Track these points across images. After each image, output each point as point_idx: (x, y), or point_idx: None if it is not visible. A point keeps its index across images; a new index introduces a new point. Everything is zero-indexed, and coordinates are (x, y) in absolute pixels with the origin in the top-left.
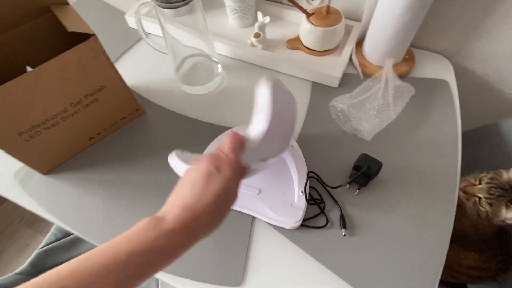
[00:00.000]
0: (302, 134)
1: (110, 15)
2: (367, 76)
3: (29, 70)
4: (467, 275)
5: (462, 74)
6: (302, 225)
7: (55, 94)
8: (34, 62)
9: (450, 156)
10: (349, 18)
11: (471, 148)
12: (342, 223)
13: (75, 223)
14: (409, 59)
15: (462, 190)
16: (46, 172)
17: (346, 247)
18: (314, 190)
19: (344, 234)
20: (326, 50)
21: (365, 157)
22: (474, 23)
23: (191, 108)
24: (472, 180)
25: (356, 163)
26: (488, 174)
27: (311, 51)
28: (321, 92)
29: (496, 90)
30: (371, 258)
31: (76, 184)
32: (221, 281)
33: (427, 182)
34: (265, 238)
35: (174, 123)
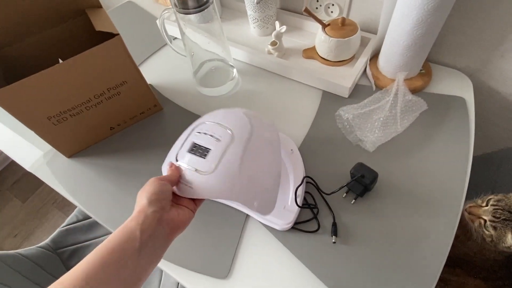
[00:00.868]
0: (306, 140)
1: (145, 20)
2: (380, 88)
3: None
4: None
5: (484, 93)
6: (294, 228)
7: (81, 85)
8: (66, 57)
9: (457, 176)
10: (367, 31)
11: (492, 170)
12: (334, 230)
13: (89, 205)
14: (425, 74)
15: (467, 210)
16: (70, 155)
17: (335, 255)
18: (310, 195)
19: (334, 241)
20: (341, 61)
21: (360, 166)
22: (496, 42)
23: (205, 108)
24: (479, 201)
25: (351, 171)
26: (496, 196)
27: (326, 61)
28: (330, 101)
29: None
30: (359, 270)
31: (94, 169)
32: (209, 271)
33: (429, 201)
34: (256, 237)
35: (188, 121)
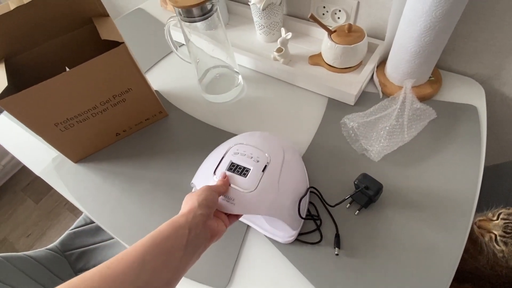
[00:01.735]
0: (310, 149)
1: (154, 27)
2: (387, 96)
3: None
4: None
5: (498, 101)
6: (296, 239)
7: (87, 92)
8: (73, 65)
9: (467, 188)
10: (374, 37)
11: (505, 182)
12: (336, 242)
13: (94, 210)
14: (434, 81)
15: (476, 224)
16: (77, 160)
17: (337, 268)
18: (313, 206)
19: (336, 253)
20: (347, 68)
21: (364, 177)
22: (509, 47)
23: (210, 115)
24: (489, 214)
25: (355, 182)
26: (508, 209)
27: (332, 68)
28: (336, 108)
29: None
30: (362, 284)
31: (100, 174)
32: (208, 281)
33: (437, 213)
34: (256, 247)
35: (192, 128)
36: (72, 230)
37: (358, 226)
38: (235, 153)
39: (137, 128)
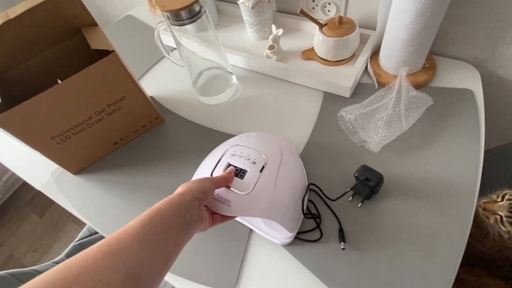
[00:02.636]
0: (309, 144)
1: (144, 33)
2: (382, 85)
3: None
4: None
5: (494, 83)
6: (297, 237)
7: (81, 103)
8: (65, 77)
9: (468, 172)
10: (366, 27)
11: (507, 164)
12: (341, 236)
13: (97, 221)
14: (429, 68)
15: (481, 206)
16: (76, 172)
17: (344, 261)
18: (312, 204)
19: (342, 247)
20: (340, 60)
21: (365, 168)
22: (502, 29)
23: (206, 117)
24: (493, 196)
25: (355, 174)
26: None
27: (325, 61)
28: (332, 101)
29: None
30: (370, 275)
31: (101, 184)
32: (216, 283)
33: (440, 199)
34: (261, 247)
35: (189, 131)
36: (77, 242)
37: (362, 219)
38: (232, 154)
39: (134, 135)
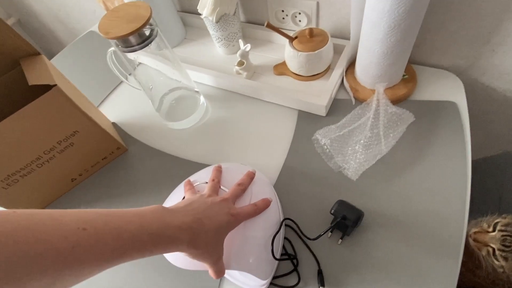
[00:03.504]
0: (284, 171)
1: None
2: (360, 101)
3: None
4: None
5: (479, 91)
6: (272, 284)
7: (26, 143)
8: (7, 114)
9: (455, 193)
10: (340, 37)
11: (498, 173)
12: (320, 280)
13: None
14: (408, 80)
15: (471, 237)
16: None
17: None
18: (288, 242)
19: None
20: (315, 75)
21: (341, 204)
22: (484, 35)
23: (174, 144)
24: (485, 225)
25: (331, 211)
26: (504, 219)
27: (298, 76)
28: (307, 121)
29: None
30: None
31: None
32: None
33: (427, 228)
34: None
35: (155, 160)
36: None
37: (342, 257)
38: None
39: (94, 169)
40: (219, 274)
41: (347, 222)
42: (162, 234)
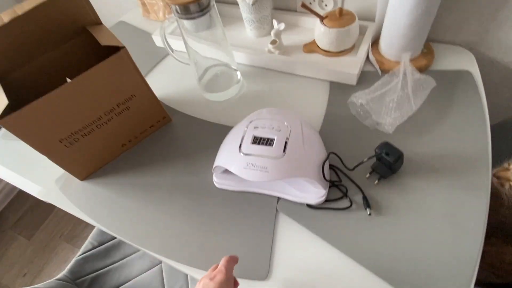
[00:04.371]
0: (322, 132)
1: (140, 37)
2: (385, 72)
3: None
4: None
5: (486, 65)
6: (325, 208)
7: (91, 103)
8: (73, 76)
9: (479, 144)
10: (363, 19)
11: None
12: (366, 203)
13: (111, 225)
14: (427, 53)
15: (495, 175)
16: (84, 178)
17: (371, 231)
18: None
19: (369, 213)
20: (342, 51)
21: (386, 145)
22: (491, 12)
23: (213, 114)
24: (506, 165)
25: (376, 150)
26: None
27: (327, 53)
28: (339, 90)
29: None
30: (397, 245)
31: (111, 188)
32: (247, 274)
33: (457, 172)
34: (289, 231)
35: (198, 129)
36: (80, 256)
37: (382, 193)
38: (255, 127)
39: (142, 136)
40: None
41: (389, 158)
42: None
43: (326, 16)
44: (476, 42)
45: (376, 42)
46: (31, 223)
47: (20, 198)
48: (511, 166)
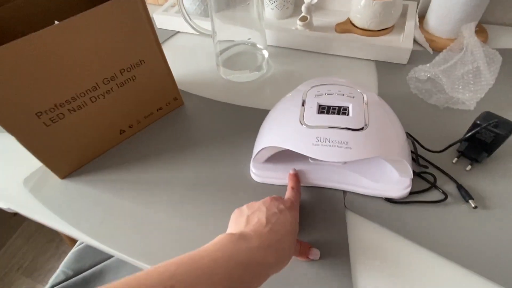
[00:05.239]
0: None
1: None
2: (437, 51)
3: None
4: None
5: None
6: (411, 202)
7: (86, 62)
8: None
9: None
10: None
11: None
12: (465, 193)
13: (104, 236)
14: (481, 31)
15: None
16: (65, 175)
17: (476, 231)
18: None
19: (474, 206)
20: (382, 30)
21: (489, 114)
22: None
23: (234, 95)
24: None
25: (477, 121)
26: None
27: (365, 32)
28: (389, 69)
29: None
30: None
31: (103, 188)
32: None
33: None
34: (363, 236)
35: (216, 112)
36: None
37: (475, 186)
38: (318, 95)
39: (146, 121)
40: (309, 252)
41: (498, 131)
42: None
43: None
44: None
45: (420, 19)
46: None
47: None
48: None
